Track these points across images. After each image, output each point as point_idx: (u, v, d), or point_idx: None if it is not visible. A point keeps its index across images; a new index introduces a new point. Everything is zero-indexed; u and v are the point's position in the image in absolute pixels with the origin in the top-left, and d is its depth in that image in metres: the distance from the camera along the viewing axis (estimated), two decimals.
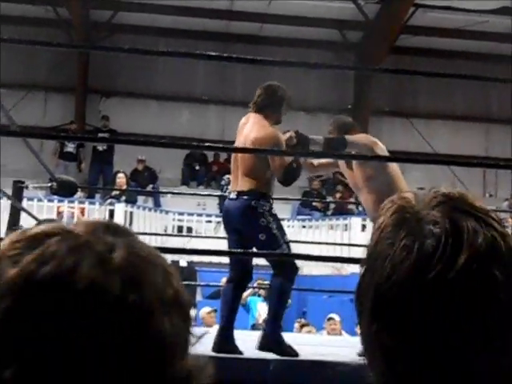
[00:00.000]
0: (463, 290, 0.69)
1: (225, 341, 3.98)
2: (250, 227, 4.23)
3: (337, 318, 9.19)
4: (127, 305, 0.53)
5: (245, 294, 10.69)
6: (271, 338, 4.08)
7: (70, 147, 14.23)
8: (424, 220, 0.73)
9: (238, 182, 4.34)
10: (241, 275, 4.30)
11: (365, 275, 0.75)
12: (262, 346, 4.06)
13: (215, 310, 10.17)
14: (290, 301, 4.82)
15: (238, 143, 4.43)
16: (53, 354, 0.52)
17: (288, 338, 4.24)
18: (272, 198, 4.34)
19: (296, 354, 4.00)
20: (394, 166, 4.47)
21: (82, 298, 0.52)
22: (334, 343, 4.85)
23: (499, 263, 0.70)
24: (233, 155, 4.62)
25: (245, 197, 4.25)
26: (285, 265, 4.20)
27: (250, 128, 4.40)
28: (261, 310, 10.35)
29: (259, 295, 10.50)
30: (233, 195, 4.35)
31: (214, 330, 4.30)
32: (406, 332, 0.70)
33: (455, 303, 0.69)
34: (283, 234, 4.31)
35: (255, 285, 10.29)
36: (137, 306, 0.53)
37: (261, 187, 4.25)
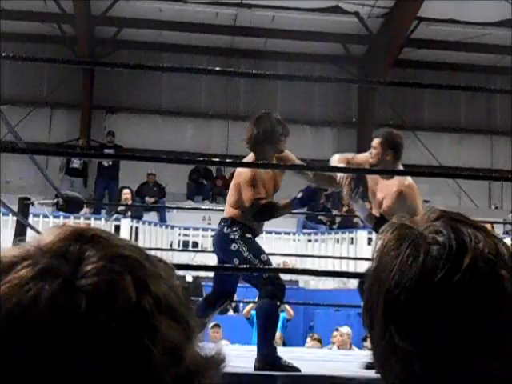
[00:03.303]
0: (470, 289, 0.71)
1: None
2: (224, 253, 4.47)
3: (345, 330, 9.11)
4: (94, 324, 0.51)
5: (249, 306, 10.65)
6: (268, 360, 4.01)
7: (76, 163, 14.25)
8: (426, 231, 0.76)
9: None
10: (217, 294, 4.46)
11: (372, 287, 0.77)
12: (260, 368, 3.98)
13: (218, 325, 10.11)
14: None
15: None
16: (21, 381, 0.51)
17: (297, 352, 4.21)
18: (247, 225, 4.44)
19: (297, 369, 3.93)
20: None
21: (47, 323, 0.51)
22: (342, 358, 4.82)
23: (503, 264, 0.73)
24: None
25: (222, 223, 4.53)
26: (268, 285, 4.18)
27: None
28: None
29: None
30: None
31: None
32: (418, 332, 0.72)
33: (463, 301, 0.71)
34: (257, 255, 4.35)
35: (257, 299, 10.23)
36: (104, 324, 0.52)
37: (236, 216, 4.46)
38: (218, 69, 4.11)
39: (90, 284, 0.53)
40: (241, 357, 4.83)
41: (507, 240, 9.02)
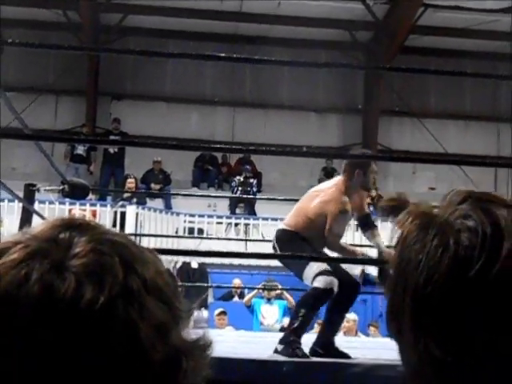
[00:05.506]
0: (510, 279, 0.63)
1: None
2: None
3: (351, 316, 9.12)
4: (81, 305, 0.53)
5: (250, 295, 10.69)
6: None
7: (80, 150, 14.25)
8: (452, 216, 0.67)
9: None
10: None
11: (396, 288, 0.68)
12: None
13: (224, 312, 10.14)
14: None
15: None
16: (12, 365, 0.52)
17: (303, 339, 4.23)
18: None
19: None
20: None
21: (37, 304, 0.53)
22: (348, 344, 4.83)
23: None
24: None
25: None
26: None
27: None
28: (264, 312, 10.33)
29: (262, 297, 10.49)
30: None
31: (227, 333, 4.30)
32: (456, 338, 0.63)
33: (504, 295, 0.63)
34: None
35: (259, 286, 10.28)
36: (93, 300, 0.53)
37: None
38: (222, 55, 4.10)
39: (80, 264, 0.55)
40: (246, 343, 4.85)
41: None
